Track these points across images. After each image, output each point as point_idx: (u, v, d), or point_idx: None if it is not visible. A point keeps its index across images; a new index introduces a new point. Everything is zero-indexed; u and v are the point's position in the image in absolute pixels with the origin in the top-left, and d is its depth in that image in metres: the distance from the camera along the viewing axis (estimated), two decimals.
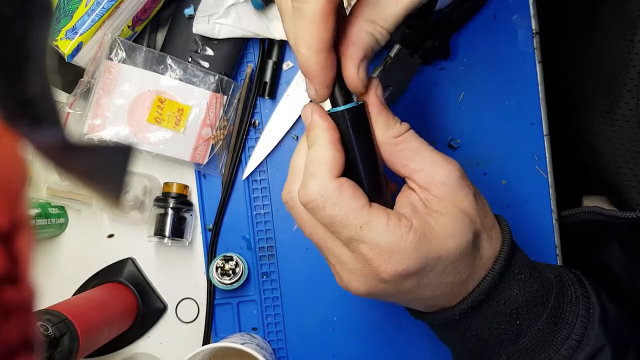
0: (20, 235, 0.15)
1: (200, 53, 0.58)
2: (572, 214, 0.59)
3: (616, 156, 0.51)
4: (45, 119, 0.16)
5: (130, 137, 0.56)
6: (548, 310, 0.38)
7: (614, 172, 0.52)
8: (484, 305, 0.38)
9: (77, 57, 0.53)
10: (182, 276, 0.61)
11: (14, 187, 0.15)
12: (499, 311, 0.38)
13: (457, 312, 0.38)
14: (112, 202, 0.19)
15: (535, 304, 0.38)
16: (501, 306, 0.38)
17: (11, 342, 0.14)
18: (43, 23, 0.16)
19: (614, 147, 0.51)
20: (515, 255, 0.39)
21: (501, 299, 0.38)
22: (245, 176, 0.60)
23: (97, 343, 0.53)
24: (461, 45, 0.60)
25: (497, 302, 0.38)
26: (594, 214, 0.56)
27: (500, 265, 0.38)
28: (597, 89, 0.53)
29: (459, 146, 0.60)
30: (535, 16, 0.60)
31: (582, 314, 0.39)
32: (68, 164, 0.17)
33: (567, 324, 0.39)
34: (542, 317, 0.38)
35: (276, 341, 0.60)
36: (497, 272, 0.38)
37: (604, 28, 0.53)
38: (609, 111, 0.51)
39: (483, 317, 0.39)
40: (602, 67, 0.52)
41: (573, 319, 0.39)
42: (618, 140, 0.51)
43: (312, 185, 0.35)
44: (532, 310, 0.38)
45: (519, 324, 0.38)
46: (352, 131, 0.37)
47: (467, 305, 0.38)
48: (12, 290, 0.14)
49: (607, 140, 0.52)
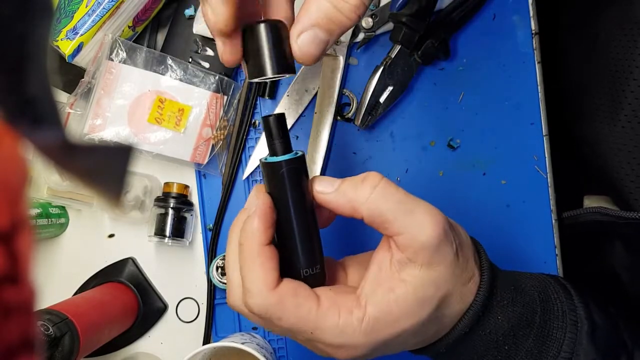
0: (20, 235, 0.15)
1: (200, 53, 0.58)
2: (576, 214, 0.59)
3: (618, 156, 0.51)
4: (46, 119, 0.16)
5: (131, 137, 0.56)
6: (534, 331, 0.38)
7: (616, 173, 0.52)
8: (471, 335, 0.38)
9: (77, 58, 0.53)
10: (182, 276, 0.61)
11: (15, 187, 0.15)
12: (485, 340, 0.38)
13: (443, 347, 0.38)
14: (113, 202, 0.19)
15: (521, 327, 0.38)
16: (487, 335, 0.37)
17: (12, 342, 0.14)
18: (43, 23, 0.16)
19: (617, 147, 0.51)
20: (495, 283, 0.38)
21: (486, 328, 0.37)
22: (245, 176, 0.60)
23: (97, 343, 0.53)
24: (461, 45, 0.60)
25: (482, 331, 0.37)
26: (598, 215, 0.55)
27: (480, 301, 0.37)
28: (599, 90, 0.53)
29: (458, 146, 0.60)
30: (535, 16, 0.60)
31: (569, 329, 0.38)
32: (68, 164, 0.17)
33: (555, 341, 0.38)
34: (529, 339, 0.38)
35: (276, 341, 0.60)
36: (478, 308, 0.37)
37: (607, 28, 0.52)
38: (612, 111, 0.51)
39: (471, 345, 0.38)
40: (604, 68, 0.52)
41: (561, 336, 0.38)
42: (620, 141, 0.50)
43: (253, 305, 0.34)
44: (519, 334, 0.38)
45: (507, 349, 0.38)
46: (289, 185, 0.35)
47: (452, 339, 0.38)
48: (12, 290, 0.14)
49: (609, 141, 0.52)
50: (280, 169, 0.35)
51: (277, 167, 0.35)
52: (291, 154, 0.35)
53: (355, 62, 0.60)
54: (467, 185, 0.60)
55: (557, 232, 0.60)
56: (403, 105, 0.60)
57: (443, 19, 0.57)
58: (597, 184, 0.59)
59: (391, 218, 0.34)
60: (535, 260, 0.59)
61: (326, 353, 0.36)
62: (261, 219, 0.34)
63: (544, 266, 0.59)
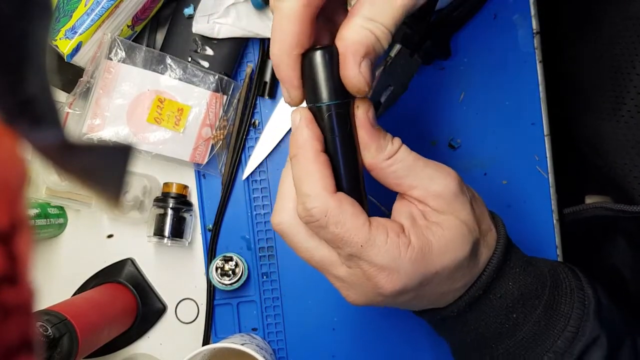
0: (19, 236, 0.14)
1: (200, 53, 0.58)
2: (577, 210, 0.59)
3: (621, 152, 0.51)
4: (45, 118, 0.16)
5: (130, 137, 0.56)
6: (543, 303, 0.39)
7: (619, 169, 0.52)
8: (481, 300, 0.39)
9: (76, 57, 0.53)
10: (181, 276, 0.61)
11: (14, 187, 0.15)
12: (495, 305, 0.39)
13: (455, 309, 0.39)
14: (112, 202, 0.19)
15: (530, 297, 0.39)
16: (497, 300, 0.38)
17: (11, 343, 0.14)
18: (43, 23, 0.16)
19: (620, 143, 0.51)
20: (510, 250, 0.40)
21: (497, 293, 0.38)
22: (245, 176, 0.60)
23: (96, 343, 0.53)
24: (461, 45, 0.60)
25: (493, 296, 0.38)
26: (602, 210, 0.55)
27: (497, 262, 0.38)
28: (601, 86, 0.53)
29: (459, 146, 0.60)
30: (535, 16, 0.60)
31: (577, 305, 0.39)
32: (67, 164, 0.17)
33: (563, 316, 0.39)
34: (537, 310, 0.39)
35: (276, 341, 0.60)
36: (494, 268, 0.38)
37: (610, 24, 0.52)
38: (614, 107, 0.51)
39: (480, 311, 0.39)
40: (607, 64, 0.52)
41: (568, 311, 0.39)
42: (623, 137, 0.50)
43: (312, 208, 0.34)
44: (528, 303, 0.39)
45: (516, 317, 0.39)
46: (337, 130, 0.35)
47: (465, 302, 0.38)
48: (11, 290, 0.14)
49: (612, 137, 0.52)
50: (329, 111, 0.35)
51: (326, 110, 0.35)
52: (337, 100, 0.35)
53: None
54: None
55: (558, 232, 0.60)
56: (403, 105, 0.60)
57: (443, 19, 0.57)
58: (598, 184, 0.59)
59: (403, 174, 0.36)
60: None
61: (367, 276, 0.35)
62: (309, 127, 0.35)
63: None
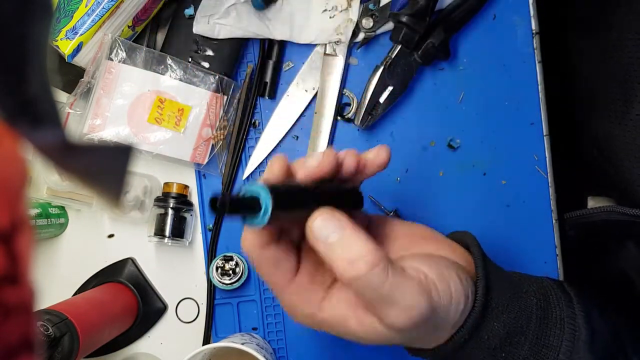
0: (20, 235, 0.15)
1: (200, 53, 0.58)
2: (584, 214, 0.56)
3: (630, 156, 0.50)
4: (46, 119, 0.16)
5: (131, 137, 0.56)
6: (530, 337, 0.38)
7: (627, 173, 0.51)
8: (469, 343, 0.38)
9: (77, 57, 0.53)
10: (182, 276, 0.61)
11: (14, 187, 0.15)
12: (482, 347, 0.38)
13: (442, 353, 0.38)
14: (113, 202, 0.19)
15: (516, 334, 0.38)
16: (484, 342, 0.37)
17: (11, 342, 0.14)
18: (43, 23, 0.16)
19: (628, 147, 0.50)
20: (490, 290, 0.38)
21: (484, 335, 0.37)
22: (245, 176, 0.60)
23: (97, 343, 0.53)
24: (461, 45, 0.60)
25: (480, 339, 0.37)
26: (615, 214, 0.52)
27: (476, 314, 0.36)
28: (610, 88, 0.52)
29: (459, 146, 0.60)
30: (535, 16, 0.60)
31: (567, 337, 0.38)
32: (68, 164, 0.17)
33: (552, 349, 0.38)
34: (525, 346, 0.38)
35: (276, 341, 0.60)
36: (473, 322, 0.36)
37: (620, 25, 0.52)
38: (623, 110, 0.50)
39: (468, 354, 0.38)
40: (617, 66, 0.51)
41: (557, 344, 0.38)
42: (632, 140, 0.50)
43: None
44: (514, 340, 0.38)
45: (504, 356, 0.38)
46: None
47: (450, 348, 0.37)
48: (12, 290, 0.14)
49: (620, 140, 0.51)
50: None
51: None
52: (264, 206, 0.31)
53: (355, 62, 0.60)
54: (467, 186, 0.60)
55: (557, 232, 0.60)
56: (403, 105, 0.60)
57: (443, 19, 0.57)
58: (602, 186, 0.58)
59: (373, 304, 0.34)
60: (536, 260, 0.59)
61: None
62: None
63: (544, 266, 0.59)
